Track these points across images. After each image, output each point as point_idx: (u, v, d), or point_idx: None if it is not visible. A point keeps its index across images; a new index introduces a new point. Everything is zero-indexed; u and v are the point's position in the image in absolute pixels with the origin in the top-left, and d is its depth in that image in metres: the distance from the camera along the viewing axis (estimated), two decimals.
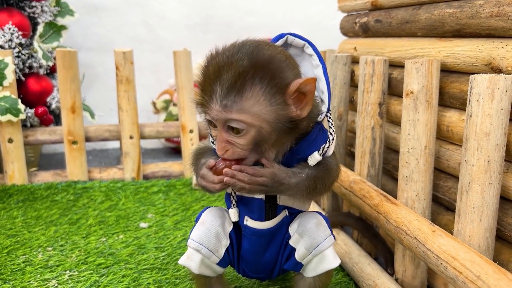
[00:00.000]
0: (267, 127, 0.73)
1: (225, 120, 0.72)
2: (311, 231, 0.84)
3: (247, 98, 0.71)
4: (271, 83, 0.71)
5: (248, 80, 0.70)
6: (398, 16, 1.14)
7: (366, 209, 1.03)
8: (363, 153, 1.18)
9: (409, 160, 0.98)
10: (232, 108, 0.71)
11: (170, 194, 1.65)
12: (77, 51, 1.67)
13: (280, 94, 0.72)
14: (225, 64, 0.72)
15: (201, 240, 0.84)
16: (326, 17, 2.48)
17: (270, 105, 0.72)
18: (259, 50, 0.73)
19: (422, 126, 0.96)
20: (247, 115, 0.71)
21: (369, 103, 1.16)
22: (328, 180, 0.82)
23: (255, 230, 0.85)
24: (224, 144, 0.74)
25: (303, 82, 0.72)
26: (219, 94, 0.71)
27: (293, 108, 0.74)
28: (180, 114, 1.81)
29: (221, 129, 0.74)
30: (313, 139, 0.82)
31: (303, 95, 0.74)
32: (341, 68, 1.33)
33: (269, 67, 0.72)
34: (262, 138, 0.74)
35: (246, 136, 0.73)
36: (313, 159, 0.79)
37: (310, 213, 0.88)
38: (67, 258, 1.20)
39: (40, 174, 1.74)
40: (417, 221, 0.88)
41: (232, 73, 0.70)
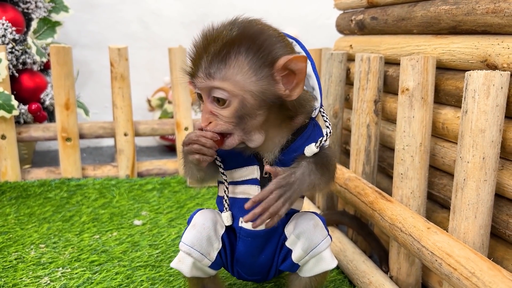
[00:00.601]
0: (251, 100, 0.71)
1: (209, 88, 0.72)
2: (308, 233, 0.83)
3: (231, 66, 0.70)
4: (258, 55, 0.70)
5: (234, 49, 0.70)
6: (394, 13, 1.14)
7: (361, 206, 1.03)
8: (358, 151, 1.17)
9: (404, 157, 0.98)
10: (215, 75, 0.70)
11: (165, 192, 1.64)
12: (72, 47, 1.66)
13: (267, 68, 0.71)
14: (215, 35, 0.72)
15: (192, 244, 0.83)
16: (322, 16, 2.48)
17: (255, 76, 0.71)
18: (251, 24, 0.73)
19: (418, 123, 0.96)
20: (229, 83, 0.70)
21: (364, 100, 1.15)
22: (330, 166, 0.81)
23: (250, 232, 0.84)
24: (208, 115, 0.73)
25: (292, 58, 0.71)
26: (205, 63, 0.71)
27: (282, 86, 0.73)
28: (175, 111, 1.80)
29: (206, 100, 0.73)
30: (308, 135, 0.81)
31: (293, 74, 0.72)
32: (337, 65, 1.33)
33: (258, 38, 0.71)
34: (247, 112, 0.72)
35: (230, 107, 0.71)
36: (309, 150, 0.78)
37: (307, 213, 0.87)
38: (60, 255, 1.19)
39: (33, 171, 1.72)
40: (412, 218, 0.88)
41: (219, 42, 0.70)
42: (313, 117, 0.83)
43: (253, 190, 0.83)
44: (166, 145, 2.30)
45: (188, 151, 0.75)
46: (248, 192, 0.83)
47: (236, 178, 0.84)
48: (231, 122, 0.73)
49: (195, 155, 0.74)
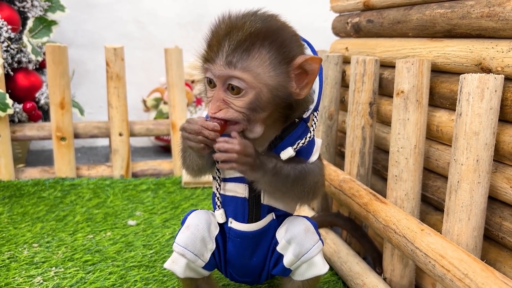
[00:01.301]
0: (267, 93, 0.72)
1: (227, 77, 0.71)
2: (299, 238, 0.82)
3: (254, 57, 0.70)
4: (279, 51, 0.71)
5: (258, 41, 0.70)
6: (390, 16, 1.15)
7: (355, 208, 1.03)
8: (353, 153, 1.18)
9: (398, 159, 0.98)
10: (237, 65, 0.70)
11: (159, 192, 1.64)
12: (67, 46, 1.66)
13: (285, 64, 0.72)
14: (238, 23, 0.71)
15: (186, 245, 0.82)
16: (318, 19, 2.49)
17: (274, 71, 0.71)
18: (273, 19, 0.74)
19: (412, 125, 0.96)
20: (250, 74, 0.70)
21: (359, 102, 1.16)
22: (307, 181, 0.79)
23: (239, 232, 0.84)
24: (219, 103, 0.72)
25: (309, 58, 0.72)
26: (226, 50, 0.70)
27: (294, 84, 0.74)
28: (171, 112, 1.80)
29: (220, 87, 0.72)
30: (298, 136, 0.81)
31: (305, 73, 0.74)
32: (333, 68, 1.34)
33: (281, 35, 0.72)
34: (259, 104, 0.72)
35: (244, 97, 0.71)
36: (286, 153, 0.77)
37: (298, 218, 0.86)
38: (53, 254, 1.18)
39: (27, 171, 1.71)
40: (406, 220, 0.88)
41: (243, 31, 0.70)
42: (304, 118, 0.82)
43: (241, 188, 0.82)
44: (161, 145, 2.30)
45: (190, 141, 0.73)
46: (235, 190, 0.83)
47: (227, 175, 0.83)
48: (242, 112, 0.72)
49: (200, 144, 0.72)
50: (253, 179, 0.76)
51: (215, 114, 0.72)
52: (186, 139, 0.74)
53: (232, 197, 0.84)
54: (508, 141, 0.81)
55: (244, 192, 0.83)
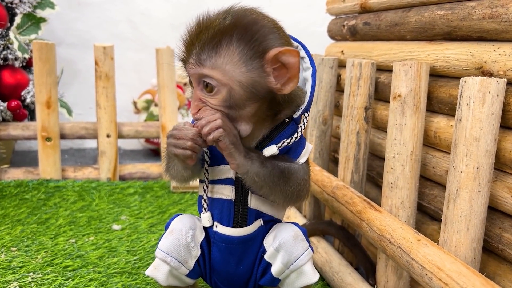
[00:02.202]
0: (240, 91, 0.70)
1: (198, 75, 0.71)
2: (288, 245, 0.79)
3: (221, 55, 0.69)
4: (249, 45, 0.69)
5: (226, 38, 0.69)
6: (387, 18, 1.11)
7: (349, 216, 0.99)
8: (347, 159, 1.14)
9: (394, 166, 0.94)
10: (205, 63, 0.69)
11: (147, 196, 1.59)
12: (56, 44, 1.61)
13: (258, 59, 0.70)
14: (208, 22, 0.71)
15: (169, 251, 0.79)
16: (314, 24, 2.46)
17: (245, 66, 0.69)
18: (245, 13, 0.72)
19: (409, 131, 0.93)
20: (218, 71, 0.69)
21: (354, 107, 1.12)
22: (291, 181, 0.76)
23: (224, 237, 0.80)
24: (197, 102, 0.72)
25: (283, 50, 0.69)
26: (196, 49, 0.70)
27: (273, 79, 0.71)
28: (161, 114, 1.76)
29: (196, 86, 0.72)
30: (287, 136, 0.78)
31: (285, 68, 0.70)
32: (327, 71, 1.30)
33: (250, 28, 0.70)
34: (234, 101, 0.70)
35: (218, 95, 0.70)
36: (269, 150, 0.75)
37: (286, 225, 0.83)
38: (31, 259, 1.13)
39: (10, 171, 1.66)
40: (401, 229, 0.84)
41: (211, 30, 0.69)
42: (295, 118, 0.79)
43: (227, 190, 0.79)
44: (151, 148, 2.25)
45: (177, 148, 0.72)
46: (222, 192, 0.80)
47: (214, 177, 0.80)
48: (219, 111, 0.71)
49: (187, 152, 0.71)
50: (241, 167, 0.73)
51: (195, 114, 0.72)
52: (173, 147, 0.72)
53: (218, 199, 0.80)
54: (510, 148, 0.77)
55: (230, 194, 0.79)
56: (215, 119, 0.70)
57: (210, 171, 0.80)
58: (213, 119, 0.70)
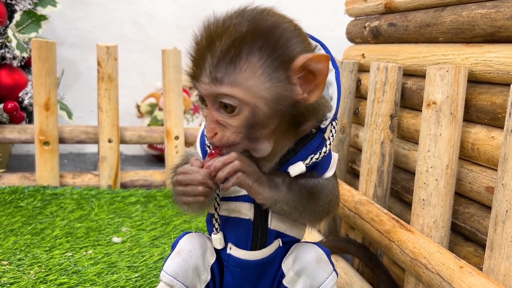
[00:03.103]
0: (264, 108, 0.60)
1: (215, 95, 0.60)
2: (310, 269, 0.71)
3: (242, 69, 0.58)
4: (273, 55, 0.59)
5: (245, 49, 0.58)
6: (417, 19, 1.02)
7: (375, 235, 0.89)
8: (370, 171, 1.04)
9: (427, 180, 0.85)
10: (223, 80, 0.59)
11: (149, 206, 1.49)
12: (57, 44, 1.52)
13: (283, 70, 0.60)
14: (220, 30, 0.59)
15: (175, 274, 0.70)
16: (325, 27, 2.37)
17: (269, 80, 0.59)
18: (263, 16, 0.60)
19: (445, 142, 0.83)
20: (240, 89, 0.59)
21: (379, 114, 1.03)
22: (317, 199, 0.68)
23: (240, 261, 0.72)
24: (214, 125, 0.62)
25: (312, 57, 0.59)
26: (210, 65, 0.59)
27: (299, 89, 0.61)
28: (166, 118, 1.66)
29: (212, 107, 0.62)
30: (314, 148, 0.69)
31: (312, 75, 0.61)
32: (347, 75, 1.21)
33: (272, 35, 0.59)
34: (258, 121, 0.60)
35: (239, 116, 0.60)
36: (295, 168, 0.66)
37: (307, 245, 0.74)
38: (23, 274, 1.03)
39: (5, 177, 1.56)
40: (439, 254, 0.75)
41: (226, 40, 0.58)
42: (322, 128, 0.70)
43: (245, 208, 0.71)
44: (154, 154, 2.16)
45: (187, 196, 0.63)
46: (239, 211, 0.71)
47: (229, 193, 0.72)
48: (240, 133, 0.61)
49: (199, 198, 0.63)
50: (268, 200, 0.64)
51: (212, 139, 0.62)
52: (182, 195, 0.63)
53: (234, 218, 0.71)
54: None
55: (248, 213, 0.70)
56: (232, 160, 0.60)
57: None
58: (229, 160, 0.60)
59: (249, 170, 0.62)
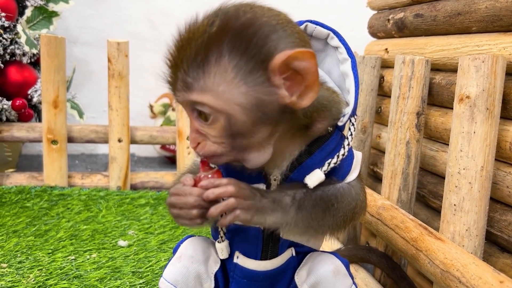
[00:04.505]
0: (241, 116, 0.53)
1: (189, 102, 0.55)
2: (327, 283, 0.64)
3: (211, 74, 0.52)
4: (247, 55, 0.51)
5: (214, 50, 0.52)
6: (447, 7, 0.94)
7: (399, 243, 0.81)
8: (394, 173, 0.96)
9: (459, 184, 0.76)
10: (193, 87, 0.53)
11: (159, 209, 1.43)
12: (65, 38, 1.47)
13: (261, 71, 0.52)
14: (192, 31, 0.54)
15: (175, 281, 0.65)
16: (344, 27, 2.28)
17: (244, 84, 0.52)
18: (237, 13, 0.53)
19: (480, 140, 0.75)
20: (210, 96, 0.53)
21: (404, 112, 0.94)
22: (336, 210, 0.61)
23: (247, 272, 0.65)
24: (195, 134, 0.57)
25: (292, 54, 0.51)
26: (181, 71, 0.54)
27: (285, 92, 0.53)
28: (178, 118, 1.60)
29: (191, 115, 0.56)
30: (331, 149, 0.61)
31: (300, 75, 0.53)
32: (369, 71, 1.13)
33: (245, 33, 0.51)
34: (238, 130, 0.54)
35: (215, 125, 0.54)
36: (313, 178, 0.59)
37: (323, 256, 0.67)
38: (23, 278, 0.98)
39: (13, 176, 1.52)
40: (475, 266, 0.66)
41: (197, 42, 0.53)
42: (340, 125, 0.62)
43: None
44: (167, 156, 2.10)
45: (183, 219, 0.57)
46: None
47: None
48: (222, 142, 0.55)
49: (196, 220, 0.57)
50: (274, 225, 0.57)
51: (195, 149, 0.58)
52: (178, 218, 0.57)
53: (242, 225, 0.63)
54: None
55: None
56: (228, 193, 0.54)
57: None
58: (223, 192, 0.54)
59: (246, 204, 0.55)
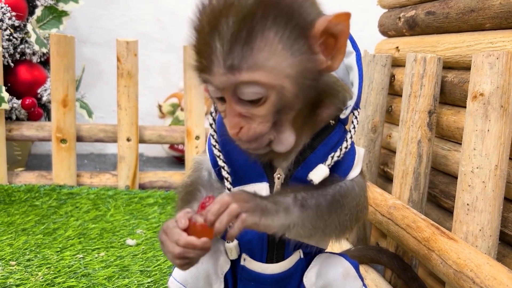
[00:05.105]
0: (292, 87, 0.51)
1: (235, 85, 0.51)
2: (336, 286, 0.63)
3: (260, 49, 0.49)
4: (290, 24, 0.50)
5: (258, 24, 0.49)
6: (459, 4, 0.92)
7: (411, 243, 0.80)
8: (405, 173, 0.94)
9: (472, 183, 0.75)
10: (241, 66, 0.49)
11: (167, 208, 1.42)
12: (74, 37, 1.48)
13: (304, 39, 0.51)
14: (223, 8, 0.49)
15: (185, 281, 0.64)
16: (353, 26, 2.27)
17: (291, 55, 0.50)
18: None
19: (494, 139, 0.73)
20: (263, 72, 0.50)
21: (416, 110, 0.93)
22: (341, 209, 0.59)
23: (254, 275, 0.64)
24: (238, 119, 0.53)
25: (333, 18, 0.51)
26: (221, 52, 0.49)
27: (322, 57, 0.53)
28: (186, 117, 1.60)
29: (231, 99, 0.52)
30: (334, 143, 0.60)
31: (333, 38, 0.52)
32: (379, 70, 1.11)
33: (284, 2, 0.50)
34: (286, 103, 0.52)
35: (266, 104, 0.51)
36: (318, 173, 0.58)
37: (333, 257, 0.65)
38: (31, 276, 0.98)
39: (22, 175, 1.53)
40: (489, 266, 0.65)
41: (233, 19, 0.49)
42: (343, 118, 0.61)
43: None
44: (175, 156, 2.10)
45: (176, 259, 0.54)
46: None
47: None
48: (268, 121, 0.53)
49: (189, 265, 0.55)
50: (278, 229, 0.55)
51: (237, 135, 0.54)
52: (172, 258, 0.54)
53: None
54: None
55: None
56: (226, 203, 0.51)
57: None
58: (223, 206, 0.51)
59: (249, 206, 0.52)
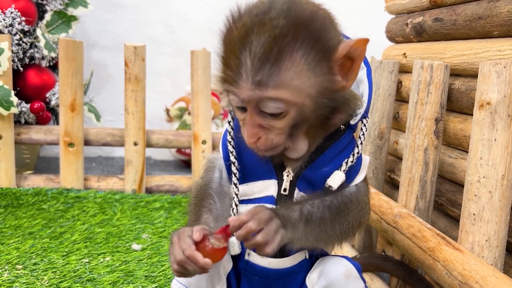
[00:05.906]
0: (310, 105, 0.55)
1: (259, 100, 0.55)
2: (338, 286, 0.65)
3: (287, 69, 0.53)
4: (316, 47, 0.54)
5: (287, 45, 0.52)
6: (467, 11, 0.92)
7: (416, 253, 0.79)
8: (411, 181, 0.94)
9: (479, 192, 0.74)
10: (268, 84, 0.53)
11: (173, 212, 1.43)
12: (83, 42, 1.49)
13: (326, 61, 0.55)
14: (255, 25, 0.53)
15: (188, 283, 0.65)
16: (360, 32, 2.26)
17: (314, 75, 0.54)
18: (297, 6, 0.54)
19: (501, 148, 0.72)
20: (287, 91, 0.54)
21: (423, 118, 0.92)
22: (345, 217, 0.62)
23: (259, 269, 0.65)
24: (257, 129, 0.57)
25: (354, 43, 0.55)
26: (250, 68, 0.53)
27: (339, 78, 0.57)
28: (193, 122, 1.60)
29: (253, 111, 0.56)
30: (343, 147, 0.63)
31: (350, 61, 0.56)
32: (386, 76, 1.11)
33: (312, 26, 0.54)
34: (304, 118, 0.56)
35: (285, 118, 0.55)
36: (336, 179, 0.62)
37: (335, 259, 0.67)
38: (37, 280, 0.98)
39: (30, 178, 1.54)
40: (495, 278, 0.64)
41: (265, 37, 0.52)
42: (352, 124, 0.64)
43: None
44: (182, 160, 2.10)
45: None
46: None
47: (248, 195, 0.66)
48: (285, 133, 0.57)
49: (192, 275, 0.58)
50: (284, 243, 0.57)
51: (255, 144, 0.58)
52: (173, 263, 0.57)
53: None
54: None
55: None
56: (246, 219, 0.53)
57: (244, 187, 0.65)
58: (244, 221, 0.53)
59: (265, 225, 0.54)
